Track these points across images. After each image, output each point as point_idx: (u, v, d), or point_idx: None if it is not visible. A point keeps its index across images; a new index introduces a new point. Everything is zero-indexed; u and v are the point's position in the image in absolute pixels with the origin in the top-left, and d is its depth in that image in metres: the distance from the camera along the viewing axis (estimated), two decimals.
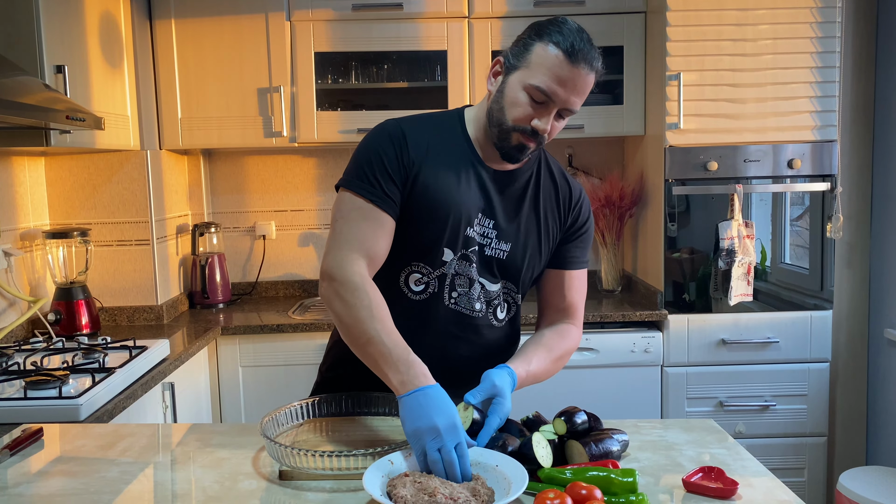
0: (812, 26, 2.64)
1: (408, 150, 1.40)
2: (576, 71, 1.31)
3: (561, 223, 1.52)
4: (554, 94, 1.32)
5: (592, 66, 1.33)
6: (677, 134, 2.67)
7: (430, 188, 1.40)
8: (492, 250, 1.46)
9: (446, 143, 1.44)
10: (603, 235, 3.10)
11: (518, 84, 1.35)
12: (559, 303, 1.55)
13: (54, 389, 1.76)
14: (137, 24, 2.71)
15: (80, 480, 1.23)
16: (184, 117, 2.87)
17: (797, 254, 2.80)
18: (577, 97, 1.34)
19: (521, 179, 1.48)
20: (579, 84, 1.32)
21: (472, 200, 1.43)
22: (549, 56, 1.31)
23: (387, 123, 1.45)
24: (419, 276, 1.45)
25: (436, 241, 1.42)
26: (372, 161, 1.39)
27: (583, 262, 1.56)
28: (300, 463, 1.19)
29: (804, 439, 2.76)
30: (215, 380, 2.70)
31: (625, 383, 2.72)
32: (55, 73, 2.10)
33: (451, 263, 1.44)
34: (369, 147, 1.42)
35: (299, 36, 2.85)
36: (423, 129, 1.44)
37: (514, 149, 1.38)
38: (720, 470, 1.19)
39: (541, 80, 1.32)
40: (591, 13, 2.85)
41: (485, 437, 1.21)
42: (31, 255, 2.55)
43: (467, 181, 1.43)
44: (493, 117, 1.39)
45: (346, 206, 1.40)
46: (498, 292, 1.49)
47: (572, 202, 1.53)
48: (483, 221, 1.45)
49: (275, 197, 3.29)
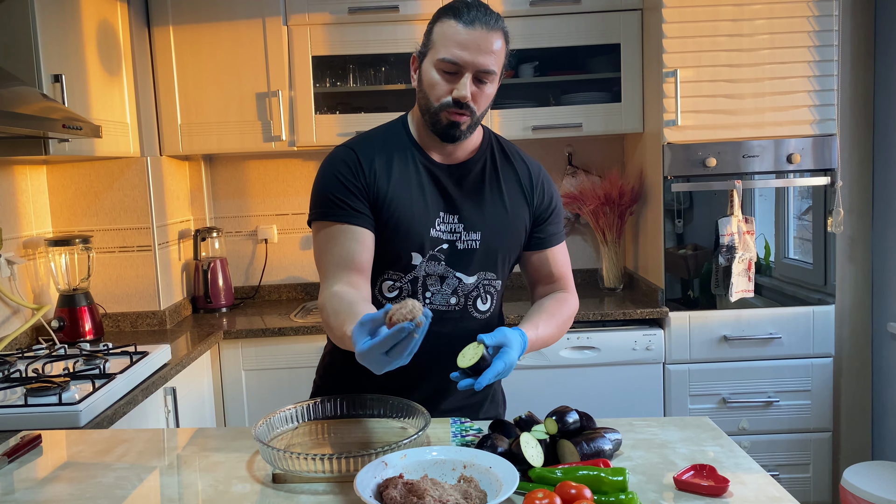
0: (809, 20, 2.63)
1: (362, 168, 1.45)
2: (474, 32, 1.36)
3: (528, 204, 1.55)
4: (460, 59, 1.37)
5: (490, 26, 1.37)
6: (675, 131, 2.67)
7: (385, 202, 1.44)
8: (463, 243, 1.48)
9: (395, 152, 1.48)
10: (603, 233, 3.10)
11: (430, 66, 1.41)
12: (549, 279, 1.60)
13: (55, 396, 1.78)
14: (135, 31, 2.72)
15: (76, 486, 1.24)
16: (183, 123, 2.88)
17: (803, 248, 2.79)
18: (484, 57, 1.37)
19: (476, 168, 1.51)
20: (483, 44, 1.37)
21: (431, 203, 1.47)
22: (446, 27, 1.38)
23: (336, 150, 1.51)
24: (391, 282, 1.49)
25: (400, 250, 1.46)
26: (331, 186, 1.45)
27: (560, 235, 1.61)
28: (292, 466, 1.19)
29: (808, 435, 2.75)
30: (218, 384, 2.71)
31: (627, 381, 2.71)
32: (52, 82, 2.12)
33: (421, 266, 1.47)
34: (326, 175, 1.47)
35: (296, 40, 2.86)
36: (371, 146, 1.49)
37: (447, 127, 1.42)
38: (712, 468, 1.19)
39: (444, 51, 1.38)
40: (588, 11, 2.85)
41: (487, 378, 1.22)
42: (34, 262, 2.57)
43: (422, 185, 1.47)
44: (422, 106, 1.45)
45: (320, 237, 1.47)
46: (475, 284, 1.51)
47: (532, 181, 1.56)
48: (447, 219, 1.48)
49: (276, 200, 3.31)
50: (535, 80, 2.99)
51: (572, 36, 2.87)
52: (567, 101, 2.97)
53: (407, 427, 1.42)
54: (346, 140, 1.55)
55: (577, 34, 2.86)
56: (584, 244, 3.33)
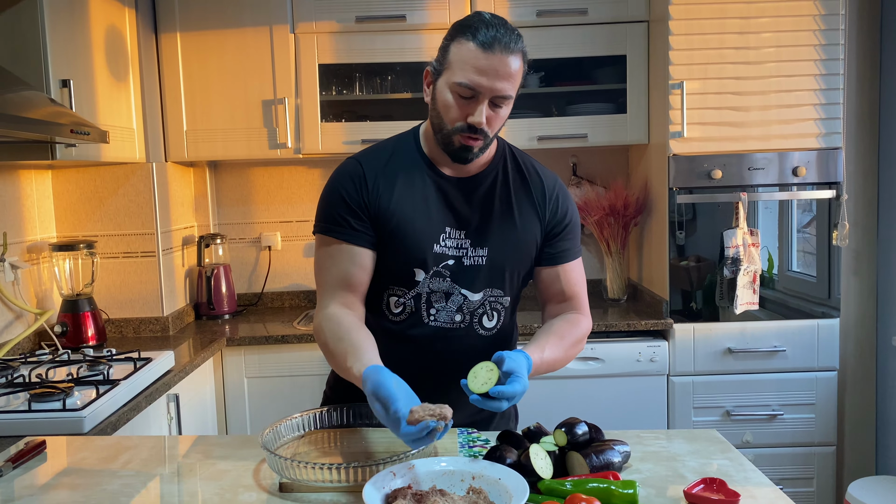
0: (815, 34, 2.64)
1: (366, 183, 1.45)
2: (493, 57, 1.32)
3: (540, 218, 1.52)
4: (477, 85, 1.34)
5: (510, 49, 1.33)
6: (681, 142, 2.67)
7: (388, 216, 1.44)
8: (470, 259, 1.47)
9: (403, 165, 1.48)
10: (608, 244, 3.09)
11: (445, 86, 1.38)
12: (559, 297, 1.56)
13: (58, 402, 1.77)
14: (143, 37, 2.73)
15: (81, 493, 1.24)
16: (189, 130, 2.88)
17: (806, 261, 2.78)
18: (503, 83, 1.34)
19: (486, 182, 1.49)
20: (501, 69, 1.33)
21: (436, 218, 1.45)
22: (464, 50, 1.34)
23: (345, 163, 1.51)
24: (396, 298, 1.48)
25: (405, 265, 1.45)
26: (336, 203, 1.46)
27: (575, 252, 1.57)
28: (300, 475, 1.18)
29: (812, 449, 2.74)
30: (221, 391, 2.70)
31: (631, 393, 2.70)
32: (61, 87, 2.12)
33: (424, 282, 1.46)
34: (332, 190, 1.48)
35: (303, 48, 2.87)
36: (379, 159, 1.49)
37: (459, 150, 1.41)
38: (722, 481, 1.18)
39: (461, 75, 1.34)
40: (594, 23, 2.86)
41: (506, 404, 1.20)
42: (37, 267, 2.57)
43: (428, 200, 1.46)
44: (435, 125, 1.43)
45: (320, 252, 1.49)
46: (481, 301, 1.49)
47: (546, 195, 1.53)
48: (453, 234, 1.46)
49: (280, 208, 3.30)
50: (542, 91, 2.99)
51: (579, 47, 2.88)
52: (573, 111, 2.97)
53: None
54: (351, 148, 1.55)
55: (583, 45, 2.87)
56: (588, 255, 3.32)
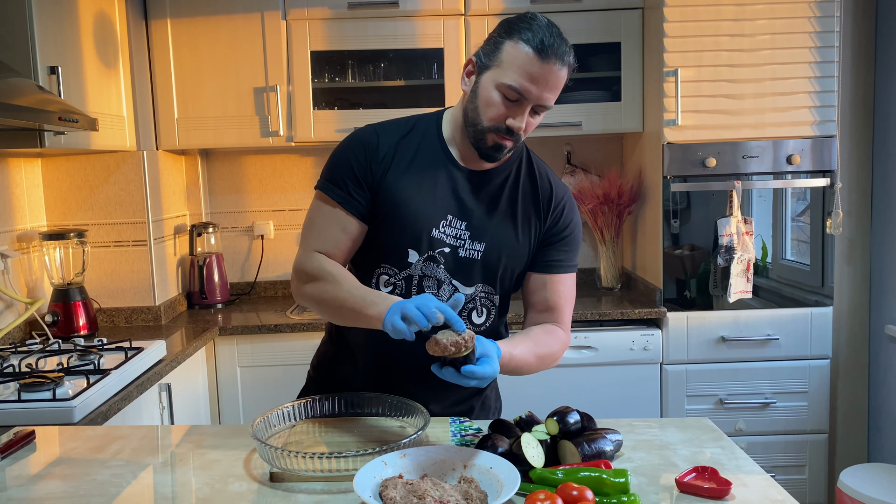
0: (810, 21, 2.62)
1: (377, 154, 1.43)
2: (547, 67, 1.30)
3: (540, 224, 1.51)
4: (527, 91, 1.32)
5: (564, 61, 1.32)
6: (675, 130, 2.66)
7: (392, 191, 1.42)
8: (465, 251, 1.45)
9: (419, 146, 1.46)
10: (602, 233, 3.09)
11: (491, 83, 1.35)
12: (542, 306, 1.53)
13: (48, 391, 1.76)
14: (132, 24, 2.70)
15: (70, 483, 1.23)
16: (180, 117, 2.86)
17: (800, 250, 2.78)
18: (550, 93, 1.34)
19: (498, 179, 1.48)
20: (551, 80, 1.32)
21: (439, 203, 1.44)
22: (520, 54, 1.31)
23: (363, 128, 1.49)
24: (387, 277, 1.47)
25: (397, 243, 1.44)
26: (342, 165, 1.45)
27: (567, 266, 1.54)
28: (290, 465, 1.18)
29: (805, 436, 2.75)
30: (213, 380, 2.69)
31: (624, 381, 2.70)
32: (49, 74, 2.09)
33: (417, 265, 1.44)
34: (342, 151, 1.47)
35: (295, 35, 2.84)
36: (396, 133, 1.47)
37: (491, 148, 1.39)
38: (714, 469, 1.18)
39: (513, 78, 1.32)
40: (589, 9, 2.84)
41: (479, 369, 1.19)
42: (28, 256, 2.55)
43: (435, 184, 1.44)
44: (469, 118, 1.40)
45: (316, 206, 1.47)
46: (472, 296, 1.48)
47: (552, 203, 1.51)
48: (454, 223, 1.45)
49: (273, 196, 3.29)
50: None
51: (573, 34, 2.80)
52: (566, 99, 2.95)
53: (406, 426, 1.40)
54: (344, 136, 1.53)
55: (577, 32, 2.85)
56: (581, 244, 3.31)
